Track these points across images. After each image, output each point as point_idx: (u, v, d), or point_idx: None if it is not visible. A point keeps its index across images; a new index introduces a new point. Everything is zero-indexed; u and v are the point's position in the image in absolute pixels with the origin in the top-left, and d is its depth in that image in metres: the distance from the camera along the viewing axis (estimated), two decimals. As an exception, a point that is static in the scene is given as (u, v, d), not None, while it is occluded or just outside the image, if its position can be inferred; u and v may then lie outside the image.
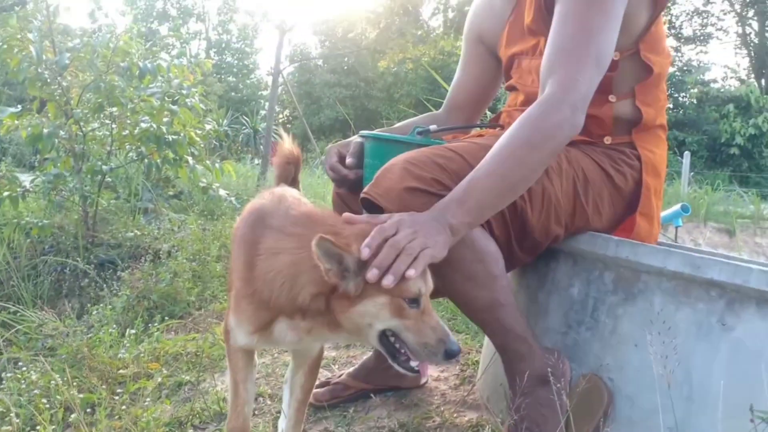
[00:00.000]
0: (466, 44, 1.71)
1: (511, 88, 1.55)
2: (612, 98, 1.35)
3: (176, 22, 28.55)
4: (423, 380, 1.70)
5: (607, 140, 1.38)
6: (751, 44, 28.25)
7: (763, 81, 27.01)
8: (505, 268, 1.26)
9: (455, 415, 1.50)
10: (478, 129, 1.63)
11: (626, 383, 1.21)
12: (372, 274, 0.99)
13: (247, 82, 28.77)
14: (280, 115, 24.46)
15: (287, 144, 1.60)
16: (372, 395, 1.57)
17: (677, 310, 1.17)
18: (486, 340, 1.66)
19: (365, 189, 1.23)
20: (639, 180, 1.36)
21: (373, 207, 1.22)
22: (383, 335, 1.05)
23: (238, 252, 1.17)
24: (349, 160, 1.49)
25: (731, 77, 29.95)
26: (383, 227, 1.05)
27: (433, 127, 1.48)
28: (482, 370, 1.60)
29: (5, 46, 3.56)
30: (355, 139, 1.56)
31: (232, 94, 24.85)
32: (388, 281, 0.99)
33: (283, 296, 1.05)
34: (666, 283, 1.18)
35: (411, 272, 1.00)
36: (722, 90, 24.92)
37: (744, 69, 30.38)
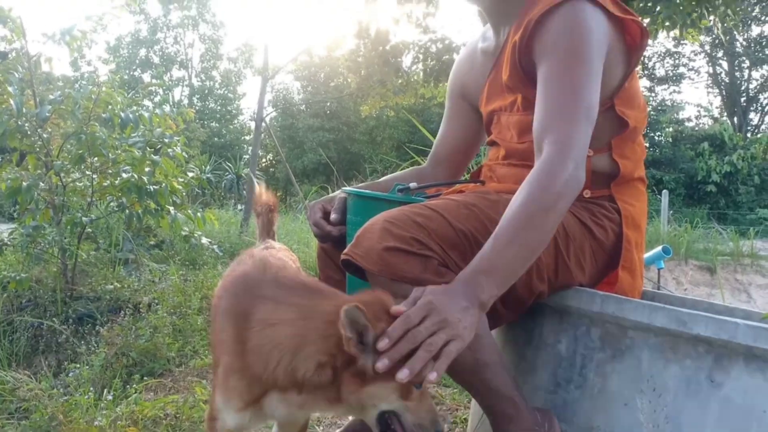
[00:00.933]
0: (450, 99, 1.74)
1: (492, 143, 1.57)
2: (589, 152, 1.36)
3: (159, 69, 28.83)
4: None
5: (587, 194, 1.39)
6: (722, 83, 29.15)
7: (735, 119, 27.77)
8: (488, 327, 1.24)
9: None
10: (460, 184, 1.64)
11: (617, 444, 1.18)
12: (381, 364, 0.96)
13: (230, 127, 28.94)
14: (264, 160, 24.54)
15: (263, 193, 1.59)
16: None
17: (665, 368, 1.16)
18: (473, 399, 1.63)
19: (346, 249, 1.23)
20: (620, 233, 1.37)
21: (353, 267, 1.22)
22: (382, 415, 1.02)
23: (225, 324, 1.12)
24: (333, 216, 1.49)
25: (704, 116, 30.82)
26: (409, 315, 1.01)
27: (413, 184, 1.50)
28: (471, 429, 1.56)
29: (-16, 100, 3.54)
30: (339, 194, 1.56)
31: (216, 139, 24.95)
32: (403, 375, 0.96)
33: (281, 369, 1.00)
34: (653, 339, 1.17)
35: (432, 376, 0.98)
36: (696, 128, 25.60)
37: (716, 107, 31.28)
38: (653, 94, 28.00)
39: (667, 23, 5.55)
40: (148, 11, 30.01)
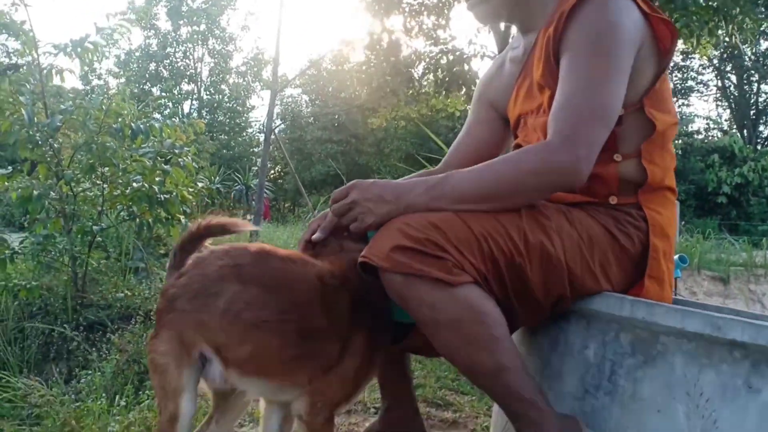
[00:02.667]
0: (476, 108, 1.71)
1: (518, 147, 1.54)
2: (617, 157, 1.32)
3: (168, 83, 29.04)
4: None
5: (613, 200, 1.34)
6: (731, 97, 29.06)
7: (745, 132, 27.64)
8: (508, 331, 1.20)
9: (467, 487, 1.41)
10: None
11: (650, 452, 1.14)
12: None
13: (238, 139, 29.07)
14: (272, 171, 24.62)
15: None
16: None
17: (700, 373, 1.11)
18: (495, 406, 1.59)
19: (362, 252, 1.21)
20: (646, 242, 1.32)
21: (370, 270, 1.20)
22: None
23: None
24: (315, 236, 1.43)
25: (713, 128, 30.70)
26: (333, 193, 1.32)
27: None
28: (492, 437, 1.52)
29: (-5, 110, 3.56)
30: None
31: (224, 151, 25.05)
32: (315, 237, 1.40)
33: None
34: (686, 345, 1.13)
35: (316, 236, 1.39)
36: (706, 141, 25.46)
37: (725, 120, 31.16)
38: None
39: (684, 30, 5.53)
40: (158, 26, 30.33)
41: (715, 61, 27.50)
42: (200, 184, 4.68)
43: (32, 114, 3.49)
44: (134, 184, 3.95)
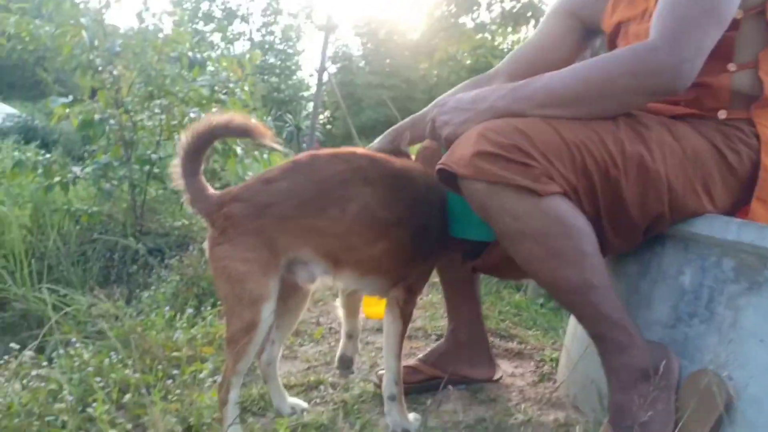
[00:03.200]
0: (551, 20, 1.57)
1: None
2: (732, 67, 1.19)
3: (221, 23, 28.97)
4: (497, 376, 1.57)
5: (722, 115, 1.22)
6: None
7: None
8: (598, 247, 1.11)
9: (539, 413, 1.36)
10: None
11: (750, 383, 1.05)
12: None
13: (289, 83, 28.99)
14: (321, 117, 24.55)
15: None
16: (449, 386, 1.46)
17: (813, 302, 1.02)
18: (568, 334, 1.52)
19: (441, 160, 1.12)
20: (756, 161, 1.20)
21: (449, 177, 1.12)
22: None
23: None
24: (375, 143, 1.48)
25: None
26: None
27: None
28: (564, 366, 1.46)
29: (59, 32, 3.56)
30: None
31: (275, 94, 25.04)
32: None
33: None
34: (801, 271, 1.03)
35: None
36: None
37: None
38: None
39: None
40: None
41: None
42: (254, 120, 4.66)
43: (93, 36, 3.47)
44: (191, 115, 3.94)
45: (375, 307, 1.53)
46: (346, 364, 1.51)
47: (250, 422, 1.40)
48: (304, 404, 1.46)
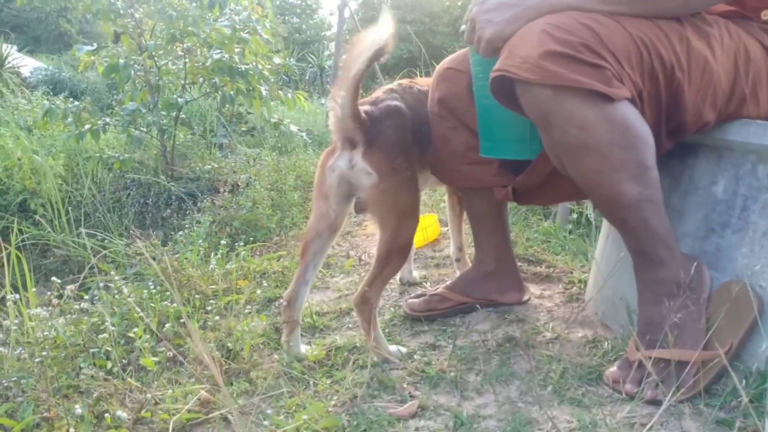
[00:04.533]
0: None
1: None
2: None
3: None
4: (525, 297, 1.58)
5: (765, 15, 1.16)
6: None
7: None
8: (655, 159, 1.05)
9: (567, 331, 1.37)
10: None
11: (783, 291, 1.04)
12: None
13: (310, 22, 28.39)
14: (344, 55, 24.04)
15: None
16: (477, 307, 1.48)
17: None
18: (598, 251, 1.52)
19: (496, 66, 1.03)
20: None
21: (506, 85, 1.03)
22: None
23: None
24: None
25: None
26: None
27: None
28: (592, 285, 1.46)
29: (78, -25, 3.53)
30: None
31: (296, 35, 24.60)
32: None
33: None
34: (840, 174, 0.99)
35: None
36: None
37: None
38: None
39: None
40: None
41: None
42: (277, 61, 4.61)
43: (113, -21, 3.43)
44: (215, 56, 3.90)
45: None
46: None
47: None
48: None
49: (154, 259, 2.11)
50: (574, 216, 2.23)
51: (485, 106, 1.23)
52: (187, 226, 2.95)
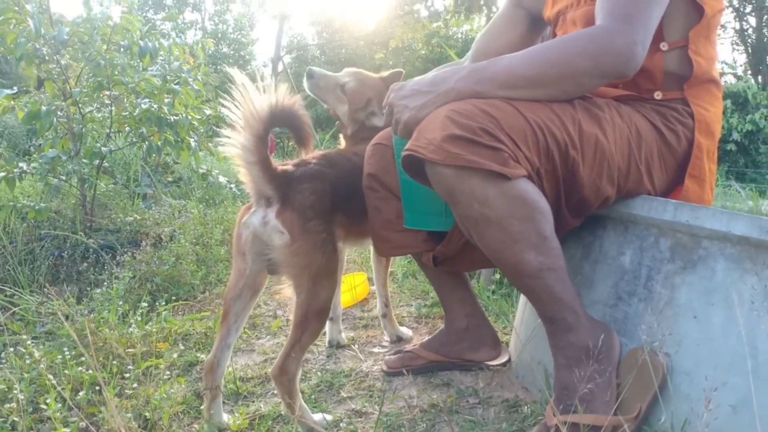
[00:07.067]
0: (504, 8, 1.66)
1: None
2: (663, 46, 1.24)
3: (172, 11, 28.22)
4: (502, 357, 1.58)
5: (658, 95, 1.28)
6: (749, 40, 28.19)
7: (760, 77, 26.93)
8: (554, 230, 1.14)
9: (489, 395, 1.40)
10: None
11: (684, 358, 1.11)
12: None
13: (243, 72, 28.42)
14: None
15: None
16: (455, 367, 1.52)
17: (741, 279, 1.08)
18: (517, 318, 1.57)
19: (406, 146, 1.12)
20: (692, 140, 1.26)
21: (417, 163, 1.11)
22: None
23: None
24: None
25: (728, 73, 29.93)
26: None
27: None
28: (513, 348, 1.51)
29: (1, 19, 3.42)
30: None
31: (229, 85, 24.57)
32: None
33: None
34: (730, 249, 1.09)
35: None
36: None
37: (740, 65, 30.34)
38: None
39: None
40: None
41: (735, 2, 26.53)
42: (208, 112, 4.59)
43: (39, 23, 3.35)
44: (143, 106, 3.85)
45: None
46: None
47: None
48: None
49: (68, 318, 2.01)
50: (497, 276, 2.30)
51: (406, 180, 1.30)
52: (105, 281, 2.83)
